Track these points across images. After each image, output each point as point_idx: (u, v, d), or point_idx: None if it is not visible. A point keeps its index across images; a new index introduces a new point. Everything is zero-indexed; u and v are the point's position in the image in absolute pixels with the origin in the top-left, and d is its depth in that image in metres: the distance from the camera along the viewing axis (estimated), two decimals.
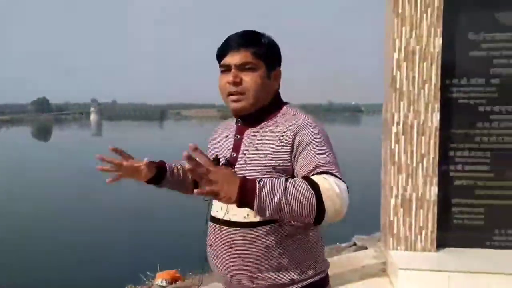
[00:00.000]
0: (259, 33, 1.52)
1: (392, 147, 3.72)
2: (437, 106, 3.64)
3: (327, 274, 1.56)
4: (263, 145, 1.44)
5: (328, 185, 1.22)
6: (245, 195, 1.17)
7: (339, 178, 1.27)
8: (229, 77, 1.46)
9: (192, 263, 4.35)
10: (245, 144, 1.48)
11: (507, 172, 3.78)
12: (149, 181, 1.66)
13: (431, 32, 3.63)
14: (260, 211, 1.19)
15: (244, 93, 1.46)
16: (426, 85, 3.65)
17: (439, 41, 3.62)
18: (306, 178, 1.24)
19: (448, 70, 3.69)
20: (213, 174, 1.15)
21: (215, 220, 1.51)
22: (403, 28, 3.67)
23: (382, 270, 3.88)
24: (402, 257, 3.65)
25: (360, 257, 4.14)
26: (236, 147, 1.50)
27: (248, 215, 1.41)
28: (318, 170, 1.30)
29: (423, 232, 3.73)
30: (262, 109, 1.50)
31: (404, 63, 3.67)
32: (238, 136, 1.52)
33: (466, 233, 3.82)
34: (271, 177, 1.35)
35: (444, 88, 3.70)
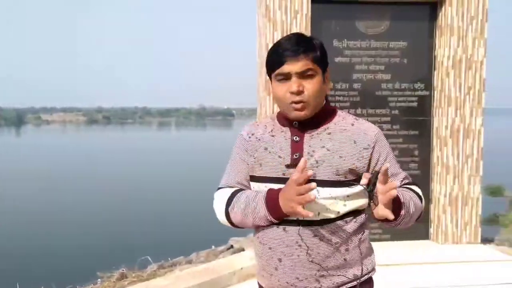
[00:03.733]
0: (309, 36, 1.50)
1: None
2: None
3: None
4: (335, 147, 1.46)
5: (422, 197, 1.56)
6: (396, 210, 1.38)
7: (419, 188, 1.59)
8: (292, 86, 1.42)
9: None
10: (309, 145, 1.48)
11: None
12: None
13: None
14: (398, 224, 1.44)
15: (307, 101, 1.44)
16: None
17: None
18: (415, 192, 1.53)
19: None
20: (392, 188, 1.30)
21: (281, 222, 1.46)
22: (275, 33, 3.77)
23: None
24: None
25: (237, 259, 4.14)
26: (297, 148, 1.48)
27: (319, 213, 1.42)
28: (406, 181, 1.57)
29: None
30: (320, 111, 1.50)
31: None
32: (297, 138, 1.49)
33: None
34: (345, 177, 1.44)
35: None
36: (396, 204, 1.38)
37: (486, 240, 4.44)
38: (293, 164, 1.43)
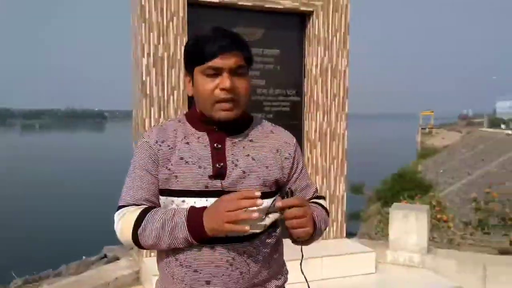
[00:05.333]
0: (237, 33, 1.39)
1: None
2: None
3: None
4: (259, 156, 1.38)
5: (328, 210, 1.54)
6: (314, 229, 1.36)
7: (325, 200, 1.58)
8: (225, 82, 1.29)
9: None
10: (232, 154, 1.36)
11: None
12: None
13: (177, 41, 3.75)
14: (310, 241, 1.40)
15: (236, 100, 1.33)
16: (175, 92, 3.75)
17: None
18: (322, 206, 1.50)
19: None
20: (310, 214, 1.31)
21: (205, 240, 1.30)
22: (151, 34, 3.69)
23: (135, 280, 3.79)
24: (156, 264, 3.65)
25: (112, 269, 3.95)
26: (219, 157, 1.35)
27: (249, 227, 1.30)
28: (317, 194, 1.55)
29: None
30: (242, 117, 1.40)
31: (154, 69, 3.69)
32: (219, 145, 1.36)
33: None
34: (270, 188, 1.38)
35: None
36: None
37: (350, 234, 4.83)
38: (217, 175, 1.32)
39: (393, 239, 4.28)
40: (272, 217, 1.35)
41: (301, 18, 4.31)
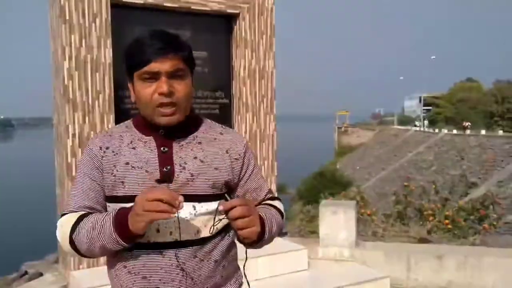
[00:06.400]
0: (177, 34, 1.34)
1: (69, 161, 3.49)
2: (112, 116, 3.63)
3: None
4: (208, 157, 1.36)
5: (283, 213, 1.51)
6: (263, 229, 1.34)
7: (281, 201, 1.56)
8: (162, 87, 1.27)
9: None
10: (180, 157, 1.34)
11: None
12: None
13: (101, 43, 3.60)
14: (261, 242, 1.37)
15: (177, 103, 1.30)
16: (100, 96, 3.60)
17: (109, 52, 3.63)
18: (276, 208, 1.48)
19: (120, 82, 3.74)
20: (255, 214, 1.29)
21: (154, 246, 1.30)
22: (73, 36, 3.50)
23: None
24: (86, 276, 3.48)
25: (37, 285, 3.71)
26: (166, 160, 1.33)
27: (197, 231, 1.32)
28: (269, 195, 1.53)
29: None
30: (186, 118, 1.36)
31: (77, 73, 3.51)
32: (166, 148, 1.33)
33: None
34: (221, 190, 1.36)
35: (118, 99, 3.73)
36: (262, 226, 1.33)
37: (281, 233, 4.90)
38: (165, 179, 1.30)
39: (323, 235, 4.42)
40: (224, 221, 1.34)
41: (228, 21, 4.32)
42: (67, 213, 1.37)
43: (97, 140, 1.39)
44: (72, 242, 1.31)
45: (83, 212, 1.33)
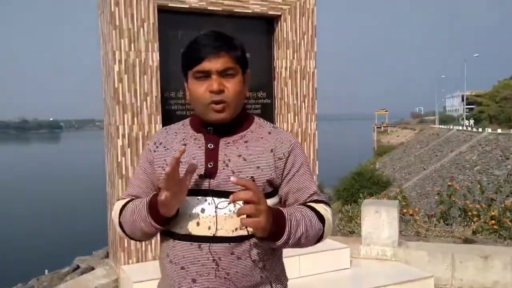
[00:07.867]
0: (228, 35, 1.41)
1: (119, 160, 3.65)
2: (159, 117, 3.77)
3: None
4: (252, 156, 1.38)
5: (329, 218, 1.42)
6: (277, 228, 1.27)
7: (330, 206, 1.47)
8: (213, 85, 1.33)
9: None
10: (225, 154, 1.38)
11: None
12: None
13: (148, 47, 3.74)
14: (283, 244, 1.31)
15: (227, 101, 1.35)
16: (148, 98, 3.74)
17: (156, 55, 3.77)
18: (314, 210, 1.39)
19: (166, 84, 3.88)
20: (262, 204, 1.21)
21: (193, 238, 1.34)
22: (122, 41, 3.66)
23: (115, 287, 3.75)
24: (135, 270, 3.62)
25: (89, 279, 3.89)
26: (211, 157, 1.38)
27: (236, 229, 1.33)
28: (314, 197, 1.45)
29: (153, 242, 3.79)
30: (237, 117, 1.41)
31: (126, 76, 3.66)
32: (212, 145, 1.39)
33: None
34: (264, 189, 1.36)
35: (164, 101, 3.87)
36: (280, 223, 1.29)
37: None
38: (206, 175, 1.36)
39: (366, 234, 4.42)
40: None
41: (269, 22, 4.39)
42: (120, 199, 1.52)
43: (154, 137, 1.52)
44: (120, 225, 1.45)
45: (132, 199, 1.47)
